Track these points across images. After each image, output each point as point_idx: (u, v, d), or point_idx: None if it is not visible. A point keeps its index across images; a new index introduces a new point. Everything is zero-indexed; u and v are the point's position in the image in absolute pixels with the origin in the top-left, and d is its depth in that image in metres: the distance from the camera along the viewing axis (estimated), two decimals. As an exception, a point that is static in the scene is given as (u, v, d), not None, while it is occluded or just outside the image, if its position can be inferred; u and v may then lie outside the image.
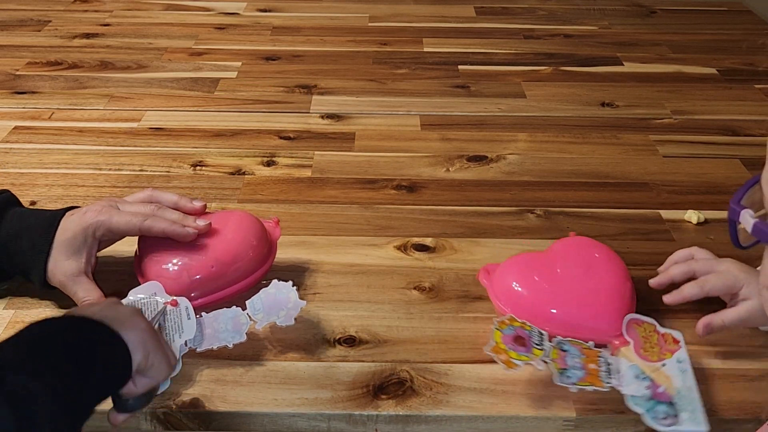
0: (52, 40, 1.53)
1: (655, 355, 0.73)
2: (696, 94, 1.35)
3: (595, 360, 0.72)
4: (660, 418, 0.67)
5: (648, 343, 0.75)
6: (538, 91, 1.35)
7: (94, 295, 0.77)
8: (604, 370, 0.71)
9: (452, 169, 1.10)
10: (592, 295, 0.77)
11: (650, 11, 1.77)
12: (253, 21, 1.66)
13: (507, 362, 0.70)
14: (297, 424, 0.71)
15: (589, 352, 0.73)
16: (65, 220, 0.79)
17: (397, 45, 1.54)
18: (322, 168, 1.10)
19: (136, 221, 0.78)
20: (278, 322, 0.75)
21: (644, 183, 1.08)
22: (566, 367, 0.71)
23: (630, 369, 0.72)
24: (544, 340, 0.73)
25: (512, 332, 0.73)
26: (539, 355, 0.71)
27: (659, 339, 0.75)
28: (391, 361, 0.76)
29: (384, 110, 1.27)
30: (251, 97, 1.31)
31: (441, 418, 0.71)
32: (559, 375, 0.70)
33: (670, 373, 0.71)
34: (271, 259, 0.84)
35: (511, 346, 0.71)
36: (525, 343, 0.72)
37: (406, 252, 0.92)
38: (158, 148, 1.14)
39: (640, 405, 0.68)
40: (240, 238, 0.82)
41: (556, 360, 0.72)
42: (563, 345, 0.73)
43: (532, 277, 0.79)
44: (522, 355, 0.71)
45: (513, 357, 0.70)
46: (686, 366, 0.72)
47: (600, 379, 0.70)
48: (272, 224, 0.87)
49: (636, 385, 0.70)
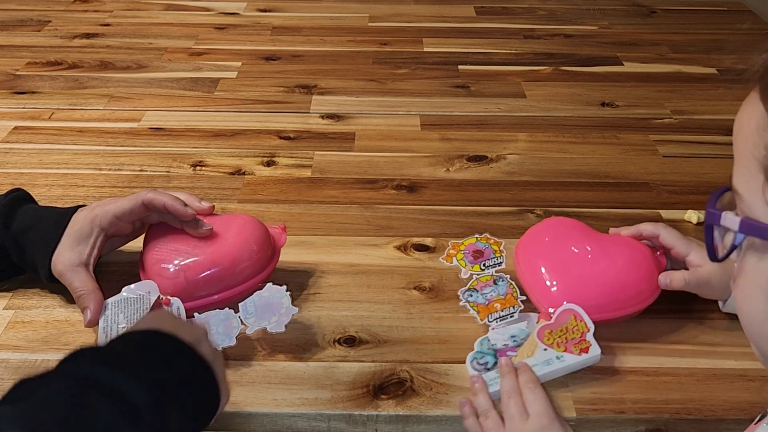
0: (52, 40, 1.53)
1: (550, 339, 0.74)
2: (696, 94, 1.35)
3: (506, 305, 0.78)
4: (474, 361, 0.74)
5: (560, 332, 0.74)
6: (538, 91, 1.35)
7: (89, 287, 0.77)
8: (502, 314, 0.77)
9: (452, 169, 1.10)
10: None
11: (650, 11, 1.77)
12: (253, 21, 1.66)
13: (448, 257, 0.83)
14: (297, 424, 0.71)
15: (511, 299, 0.78)
16: (76, 215, 0.81)
17: (397, 45, 1.54)
18: (322, 168, 1.10)
19: (140, 194, 0.80)
20: (269, 328, 0.74)
21: (644, 183, 1.08)
22: (477, 290, 0.79)
23: (516, 328, 0.76)
24: (492, 268, 0.81)
25: (480, 246, 0.83)
26: (474, 270, 0.81)
27: (574, 338, 0.74)
28: (391, 361, 0.76)
29: (384, 110, 1.27)
30: (251, 97, 1.31)
31: (441, 418, 0.71)
32: (466, 289, 0.79)
33: (536, 355, 0.73)
34: (272, 265, 0.83)
35: (466, 252, 0.83)
36: (480, 257, 0.82)
37: (406, 252, 0.92)
38: (158, 148, 1.14)
39: (482, 350, 0.75)
40: (240, 243, 0.81)
41: (479, 281, 0.79)
42: (499, 279, 0.80)
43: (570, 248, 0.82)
44: (463, 261, 0.82)
45: (457, 258, 0.82)
46: (550, 366, 0.73)
47: (487, 316, 0.77)
48: (278, 230, 0.86)
49: (503, 338, 0.75)
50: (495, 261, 0.83)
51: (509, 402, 0.69)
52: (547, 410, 0.68)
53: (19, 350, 0.77)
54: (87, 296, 0.77)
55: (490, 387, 0.71)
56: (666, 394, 0.73)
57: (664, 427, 0.71)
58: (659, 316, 0.81)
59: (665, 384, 0.74)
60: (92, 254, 0.79)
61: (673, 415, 0.71)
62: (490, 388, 0.71)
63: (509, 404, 0.69)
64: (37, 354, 0.76)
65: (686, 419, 0.71)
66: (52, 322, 0.80)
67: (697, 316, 0.82)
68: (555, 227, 0.85)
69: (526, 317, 0.78)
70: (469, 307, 0.78)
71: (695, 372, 0.75)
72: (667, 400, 0.72)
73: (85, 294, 0.77)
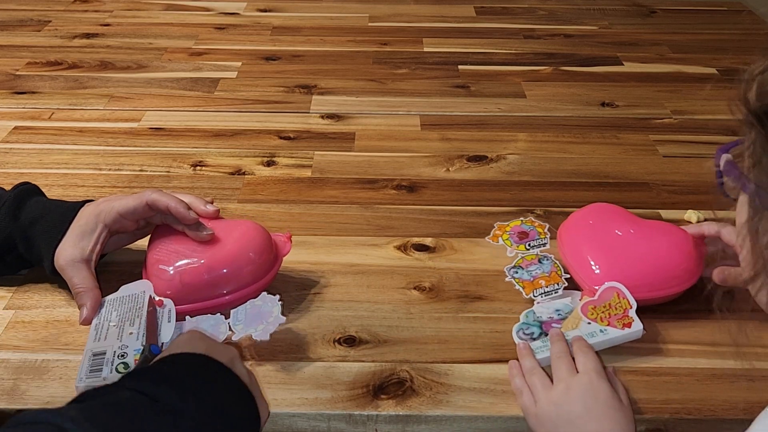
0: (52, 40, 1.53)
1: (593, 314, 0.77)
2: (696, 94, 1.35)
3: (550, 281, 0.81)
4: (520, 331, 0.77)
5: (604, 308, 0.77)
6: (538, 91, 1.35)
7: (88, 284, 0.78)
8: (547, 290, 0.81)
9: (452, 169, 1.10)
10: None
11: (650, 11, 1.77)
12: (253, 21, 1.66)
13: (494, 237, 0.89)
14: (297, 424, 0.71)
15: (555, 276, 0.81)
16: (83, 209, 0.81)
17: (397, 45, 1.54)
18: (322, 168, 1.10)
19: (145, 194, 0.80)
20: (254, 335, 0.74)
21: (644, 183, 1.08)
22: (523, 267, 0.83)
23: (561, 303, 0.80)
24: (536, 248, 0.85)
25: (525, 228, 0.88)
26: (520, 249, 0.85)
27: (617, 313, 0.77)
28: (391, 361, 0.76)
29: (384, 110, 1.27)
30: (251, 97, 1.31)
31: (441, 418, 0.71)
32: (512, 266, 0.83)
33: (580, 328, 0.76)
34: (271, 274, 0.82)
35: (512, 233, 0.89)
36: (525, 237, 0.86)
37: (406, 252, 0.92)
38: (158, 148, 1.14)
39: (528, 321, 0.78)
40: (237, 250, 0.80)
41: (524, 259, 0.83)
42: (544, 258, 0.83)
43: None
44: (509, 240, 0.86)
45: (503, 238, 0.88)
46: (594, 338, 0.75)
47: (532, 291, 0.80)
48: (284, 239, 0.85)
49: (548, 311, 0.79)
50: (540, 242, 0.88)
51: (560, 362, 0.72)
52: (597, 368, 0.70)
53: (19, 350, 0.77)
54: (85, 294, 0.77)
55: (536, 354, 0.74)
56: (666, 394, 0.73)
57: (664, 427, 0.71)
58: (659, 316, 0.81)
59: (665, 384, 0.74)
60: (95, 250, 0.79)
61: (673, 415, 0.71)
62: (537, 355, 0.74)
63: (560, 364, 0.71)
64: (38, 354, 0.76)
65: (686, 419, 0.71)
66: (52, 322, 0.80)
67: (697, 316, 0.82)
68: (598, 211, 0.89)
69: (570, 294, 0.81)
70: (515, 283, 0.82)
71: (695, 372, 0.75)
72: (667, 400, 0.72)
73: (83, 291, 0.77)
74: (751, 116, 0.48)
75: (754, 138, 0.48)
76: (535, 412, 0.69)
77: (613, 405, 0.67)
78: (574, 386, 0.69)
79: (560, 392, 0.69)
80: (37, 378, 0.73)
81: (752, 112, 0.48)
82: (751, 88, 0.49)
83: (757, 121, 0.48)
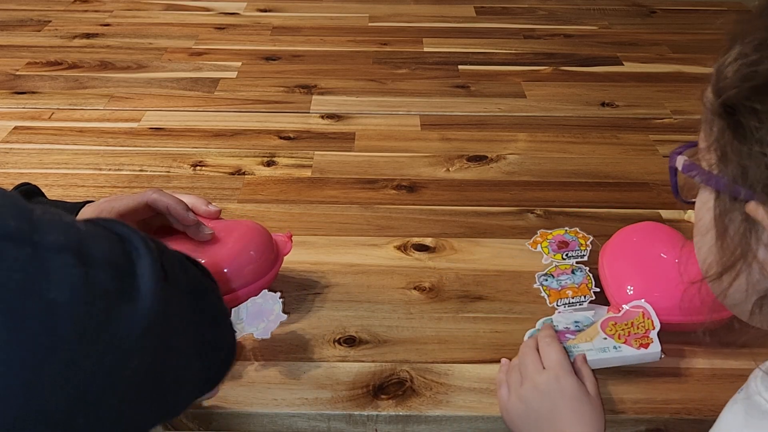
0: (52, 40, 1.53)
1: (612, 330, 0.75)
2: (696, 94, 1.34)
3: (578, 293, 0.80)
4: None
5: (625, 325, 0.76)
6: (538, 91, 1.35)
7: None
8: (572, 301, 0.79)
9: (452, 169, 1.10)
10: None
11: (650, 11, 1.77)
12: (253, 21, 1.66)
13: (533, 244, 0.88)
14: (297, 424, 0.71)
15: (585, 288, 0.80)
16: (83, 209, 0.81)
17: (397, 45, 1.54)
18: (322, 168, 1.10)
19: (145, 194, 0.80)
20: (256, 334, 0.74)
21: (644, 183, 1.08)
22: (554, 276, 0.82)
23: (582, 315, 0.78)
24: (573, 259, 0.84)
25: (567, 238, 0.87)
26: (556, 258, 0.84)
27: (637, 333, 0.75)
28: (391, 361, 0.76)
29: (384, 110, 1.27)
30: (251, 97, 1.31)
31: (441, 418, 0.71)
32: (543, 274, 0.82)
33: (594, 342, 0.74)
34: (272, 273, 0.82)
35: (552, 241, 0.87)
36: (564, 247, 0.85)
37: (406, 252, 0.92)
38: (158, 148, 1.14)
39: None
40: (238, 250, 0.80)
41: (557, 268, 0.82)
42: (578, 269, 0.82)
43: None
44: (547, 248, 0.86)
45: (542, 246, 0.87)
46: (605, 354, 0.74)
47: (556, 300, 0.79)
48: (284, 238, 0.85)
49: (565, 321, 0.77)
50: (579, 253, 0.86)
51: (525, 358, 0.72)
52: (561, 361, 0.70)
53: (19, 350, 0.77)
54: None
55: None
56: (666, 394, 0.73)
57: (664, 427, 0.71)
58: (659, 316, 0.81)
59: (665, 384, 0.74)
60: None
61: (673, 415, 0.71)
62: None
63: (525, 360, 0.72)
64: (37, 354, 0.76)
65: (686, 419, 0.71)
66: (52, 322, 0.80)
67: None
68: (645, 230, 0.86)
69: (594, 308, 0.80)
70: (542, 290, 0.81)
71: (695, 372, 0.75)
72: (667, 400, 0.72)
73: None
74: (713, 110, 0.48)
75: (717, 133, 0.48)
76: (506, 407, 0.70)
77: (580, 398, 0.67)
78: (540, 383, 0.69)
79: (528, 390, 0.69)
80: (37, 378, 0.73)
81: (713, 105, 0.48)
82: (711, 82, 0.51)
83: (719, 115, 0.48)
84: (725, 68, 0.49)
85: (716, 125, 0.48)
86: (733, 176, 0.46)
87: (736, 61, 0.48)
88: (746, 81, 0.46)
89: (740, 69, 0.47)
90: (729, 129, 0.46)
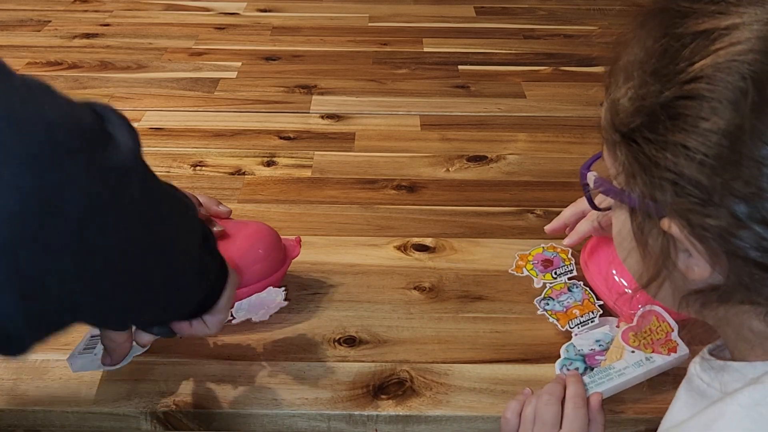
0: (52, 40, 1.53)
1: (635, 341, 0.74)
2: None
3: (585, 311, 0.77)
4: (564, 368, 0.73)
5: (645, 333, 0.75)
6: (538, 91, 1.35)
7: None
8: (582, 320, 0.77)
9: (452, 169, 1.10)
10: None
11: (650, 11, 1.77)
12: (253, 21, 1.66)
13: (517, 269, 0.84)
14: (297, 424, 0.71)
15: (589, 304, 0.78)
16: None
17: (397, 45, 1.54)
18: (322, 168, 1.10)
19: None
20: (254, 318, 0.74)
21: (644, 183, 1.07)
22: (553, 298, 0.80)
23: (600, 332, 0.75)
24: (563, 276, 0.81)
25: (548, 255, 0.85)
26: (546, 279, 0.81)
27: (659, 338, 0.74)
28: (391, 361, 0.76)
29: (384, 110, 1.27)
30: (251, 97, 1.31)
31: (441, 418, 0.71)
32: (542, 298, 0.80)
33: (625, 358, 0.73)
34: (279, 273, 0.82)
35: (535, 262, 0.85)
36: (549, 266, 0.83)
37: (406, 252, 0.92)
38: (158, 148, 1.14)
39: (570, 356, 0.74)
40: (246, 248, 0.80)
41: (553, 289, 0.80)
42: (573, 286, 0.80)
43: None
44: (533, 271, 0.82)
45: (527, 269, 0.84)
46: (642, 368, 0.72)
47: (568, 323, 0.77)
48: (293, 242, 0.85)
49: (588, 343, 0.75)
50: (566, 269, 0.84)
51: (547, 409, 0.67)
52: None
53: (19, 350, 0.77)
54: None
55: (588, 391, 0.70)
56: (666, 394, 0.73)
57: (664, 427, 0.71)
58: (659, 316, 0.81)
59: (665, 384, 0.74)
60: None
61: (673, 415, 0.71)
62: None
63: (547, 412, 0.66)
64: (38, 354, 0.76)
65: (686, 419, 0.71)
66: (52, 322, 0.80)
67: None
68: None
69: (606, 321, 0.78)
70: (548, 316, 0.78)
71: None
72: (667, 400, 0.72)
73: None
74: (617, 137, 0.50)
75: (622, 157, 0.50)
76: None
77: None
78: None
79: None
80: (37, 378, 0.73)
81: (618, 134, 0.50)
82: (607, 112, 0.52)
83: (624, 142, 0.49)
84: (619, 102, 0.50)
85: (620, 151, 0.50)
86: (642, 195, 0.48)
87: (627, 93, 0.50)
88: (639, 113, 0.48)
89: (633, 101, 0.49)
90: (632, 156, 0.48)
